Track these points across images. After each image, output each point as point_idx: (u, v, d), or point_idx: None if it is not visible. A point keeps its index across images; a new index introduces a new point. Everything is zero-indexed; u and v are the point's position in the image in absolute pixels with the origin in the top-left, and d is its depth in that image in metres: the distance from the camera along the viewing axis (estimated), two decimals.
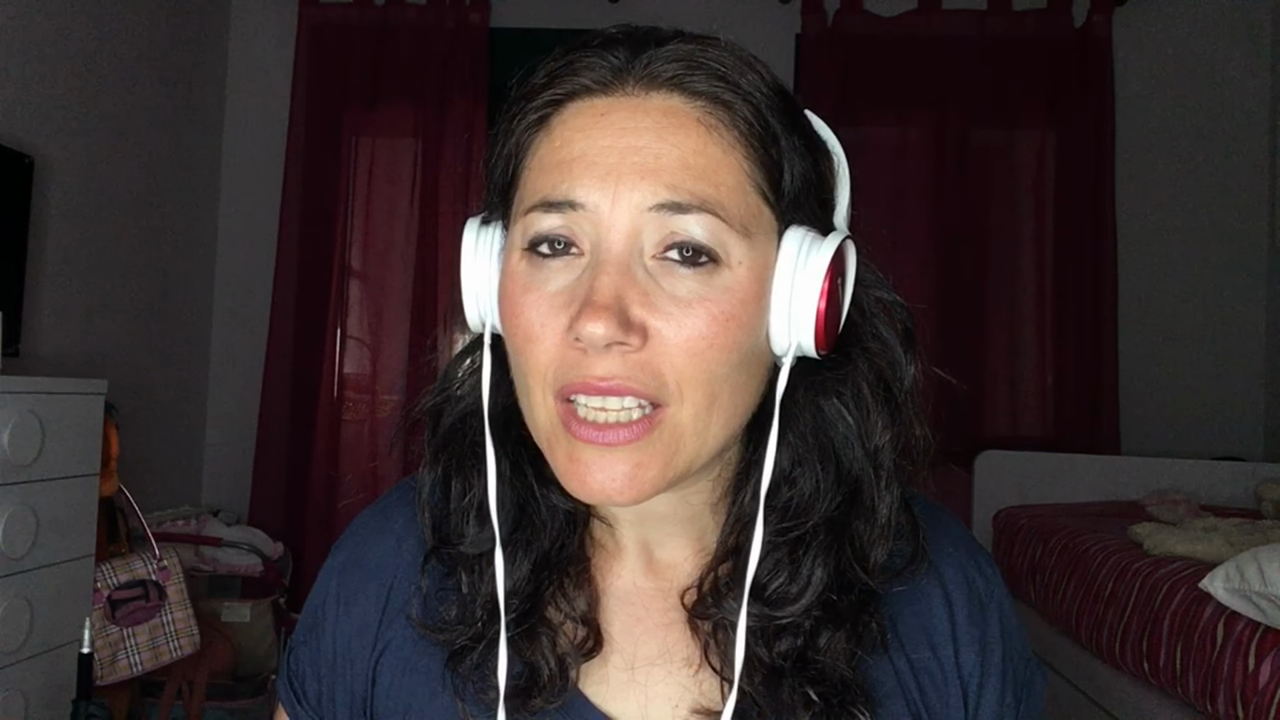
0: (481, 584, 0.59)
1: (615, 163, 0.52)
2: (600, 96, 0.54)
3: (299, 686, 0.66)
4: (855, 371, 0.58)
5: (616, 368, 0.51)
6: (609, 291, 0.50)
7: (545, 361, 0.53)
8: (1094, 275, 3.13)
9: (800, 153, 0.55)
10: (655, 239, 0.52)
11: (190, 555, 2.63)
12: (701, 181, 0.52)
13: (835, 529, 0.57)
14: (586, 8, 3.10)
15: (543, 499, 0.60)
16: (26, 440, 1.85)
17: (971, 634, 0.61)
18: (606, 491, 0.52)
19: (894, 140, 3.27)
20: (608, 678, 0.60)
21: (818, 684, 0.55)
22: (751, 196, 0.53)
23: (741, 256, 0.52)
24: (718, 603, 0.57)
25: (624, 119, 0.53)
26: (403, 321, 3.30)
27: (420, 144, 3.29)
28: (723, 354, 0.52)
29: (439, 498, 0.62)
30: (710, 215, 0.51)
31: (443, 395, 0.63)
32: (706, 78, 0.53)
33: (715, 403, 0.53)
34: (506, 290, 0.55)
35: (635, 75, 0.53)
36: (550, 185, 0.53)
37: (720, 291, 0.52)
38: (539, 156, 0.55)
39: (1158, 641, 1.75)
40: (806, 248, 0.54)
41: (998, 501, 2.87)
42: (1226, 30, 3.20)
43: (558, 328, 0.52)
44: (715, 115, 0.53)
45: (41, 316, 2.52)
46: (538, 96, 0.55)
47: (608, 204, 0.51)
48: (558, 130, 0.54)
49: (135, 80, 2.90)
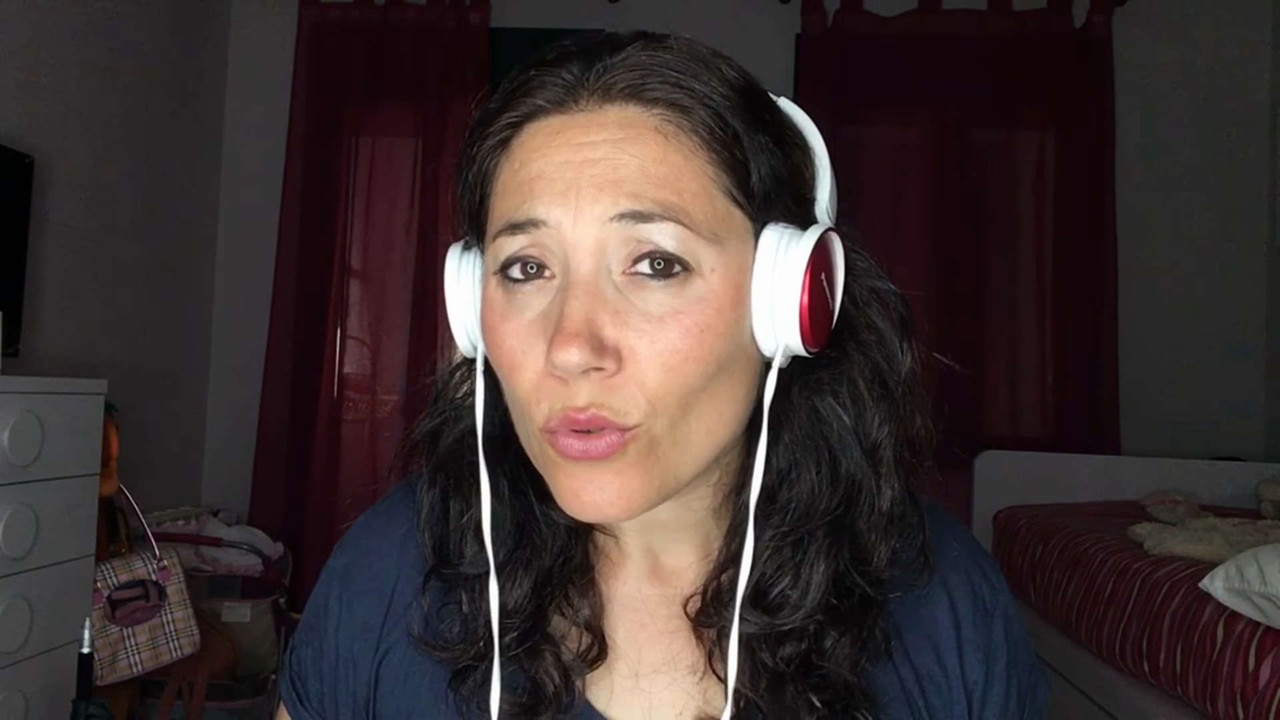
0: (482, 603, 0.59)
1: (574, 177, 0.51)
2: (556, 115, 0.53)
3: (301, 687, 0.66)
4: (850, 366, 0.57)
5: (594, 394, 0.50)
6: (579, 316, 0.49)
7: (529, 390, 0.52)
8: (1094, 275, 3.13)
9: (768, 149, 0.54)
10: (623, 253, 0.51)
11: (190, 555, 2.63)
12: (664, 189, 0.50)
13: (835, 530, 0.56)
14: (586, 8, 3.10)
15: (542, 516, 0.60)
16: (26, 440, 1.85)
17: (976, 641, 0.61)
18: (601, 508, 0.52)
19: (894, 140, 3.27)
20: (612, 685, 0.59)
21: (821, 690, 0.55)
22: (719, 201, 0.52)
23: (713, 263, 0.51)
24: (719, 610, 0.57)
25: (580, 134, 0.52)
26: (403, 321, 3.30)
27: (420, 144, 3.29)
28: (699, 365, 0.51)
29: (438, 516, 0.62)
30: (675, 224, 0.50)
31: (440, 417, 0.63)
32: (662, 84, 0.52)
33: (691, 413, 0.52)
34: (486, 319, 0.55)
35: (589, 89, 0.53)
36: (512, 207, 0.52)
37: (693, 302, 0.51)
38: (501, 180, 0.54)
39: (1158, 641, 1.75)
40: (785, 245, 0.53)
41: (998, 501, 2.87)
42: (1226, 30, 3.20)
43: (537, 355, 0.51)
44: (673, 122, 0.52)
45: (41, 316, 2.52)
46: (495, 121, 0.55)
47: (570, 219, 0.51)
48: (517, 152, 0.54)
49: (136, 80, 2.90)
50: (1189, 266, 3.18)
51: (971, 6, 3.19)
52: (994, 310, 3.19)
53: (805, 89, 3.18)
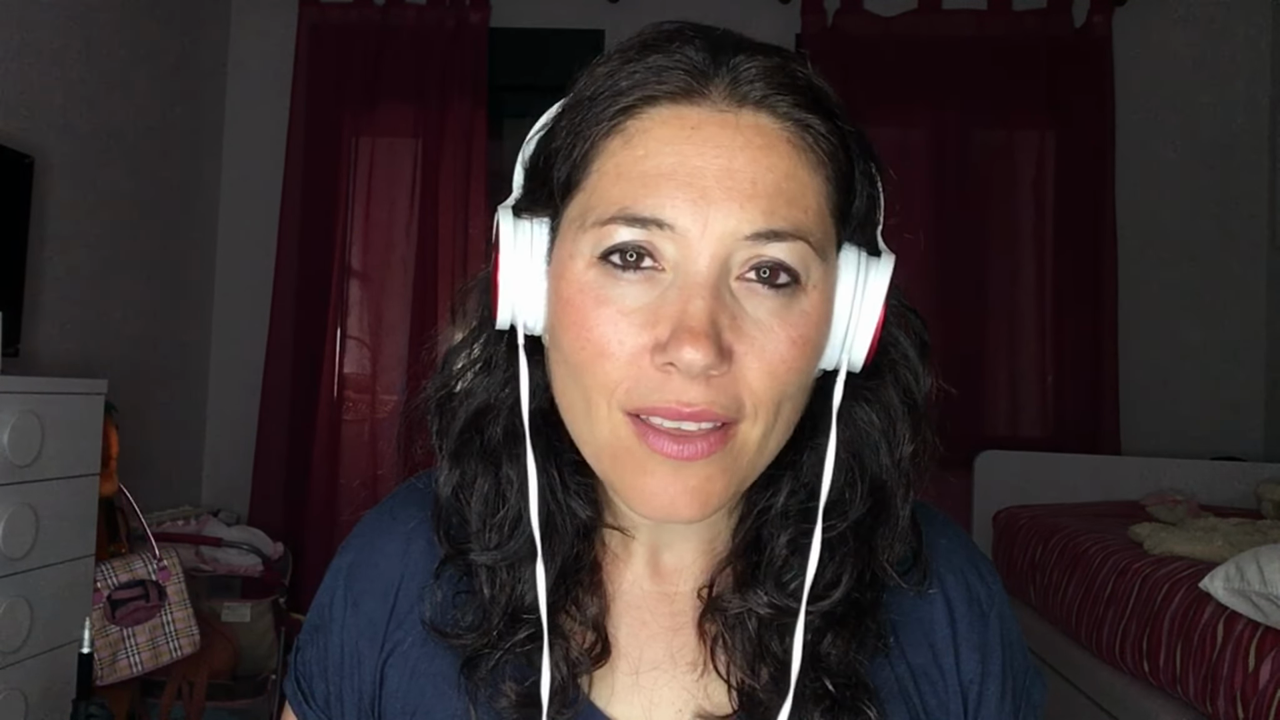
0: (502, 592, 0.59)
1: (710, 185, 0.50)
2: (686, 105, 0.51)
3: (306, 686, 0.66)
4: (884, 379, 0.59)
5: (703, 394, 0.50)
6: (705, 317, 0.49)
7: (617, 378, 0.51)
8: (1094, 275, 3.13)
9: (870, 176, 0.56)
10: (742, 260, 0.51)
11: (190, 555, 2.63)
12: (794, 207, 0.51)
13: (862, 534, 0.57)
14: (587, 8, 3.09)
15: (566, 508, 0.59)
16: (26, 440, 1.85)
17: (972, 641, 0.61)
18: (676, 507, 0.52)
19: (894, 140, 3.27)
20: (614, 683, 0.60)
21: (827, 680, 0.56)
22: (828, 221, 0.53)
23: (818, 280, 0.53)
24: (741, 592, 0.57)
25: (717, 134, 0.51)
26: (403, 321, 3.30)
27: (420, 144, 3.28)
28: (797, 376, 0.52)
29: (459, 503, 0.61)
30: (802, 242, 0.51)
31: (444, 390, 0.62)
32: (792, 98, 0.52)
33: (779, 419, 0.53)
34: (573, 301, 0.52)
35: (721, 85, 0.52)
36: (633, 198, 0.51)
37: (798, 315, 0.52)
38: (617, 163, 0.52)
39: (1158, 641, 1.75)
40: (864, 270, 0.54)
41: (998, 501, 2.87)
42: (1226, 30, 3.20)
43: (637, 346, 0.51)
44: (802, 137, 0.52)
45: (41, 316, 2.52)
46: (617, 100, 0.52)
47: (699, 228, 0.50)
48: (639, 139, 0.52)
49: (135, 80, 2.90)
50: (1189, 266, 3.18)
51: (971, 6, 3.19)
52: (994, 310, 3.18)
53: None
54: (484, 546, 0.59)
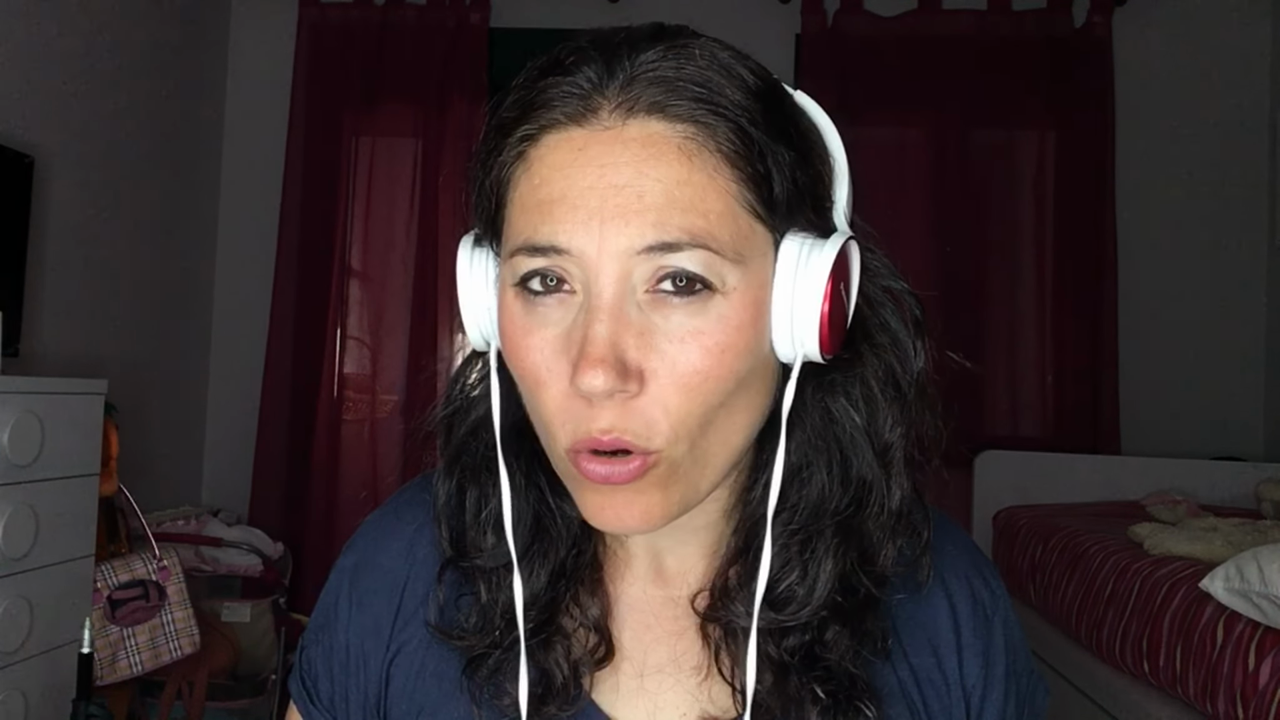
0: (500, 594, 0.59)
1: (597, 205, 0.49)
2: (575, 128, 0.51)
3: (311, 686, 0.66)
4: (864, 368, 0.57)
5: (616, 418, 0.50)
6: (604, 340, 0.49)
7: (554, 409, 0.52)
8: (1094, 275, 3.13)
9: (790, 159, 0.52)
10: (647, 275, 0.50)
11: (190, 555, 2.63)
12: (689, 214, 0.49)
13: (844, 530, 0.56)
14: (586, 8, 3.09)
15: (558, 510, 0.60)
16: (26, 440, 1.85)
17: (975, 645, 0.61)
18: (623, 521, 0.53)
19: (894, 140, 3.27)
20: (618, 685, 0.60)
21: (824, 681, 0.56)
22: (742, 218, 0.51)
23: (735, 283, 0.51)
24: (727, 606, 0.57)
25: (602, 153, 0.50)
26: (403, 321, 3.30)
27: (420, 144, 3.28)
28: (719, 384, 0.51)
29: (455, 508, 0.62)
30: (703, 249, 0.49)
31: (451, 407, 0.63)
32: (686, 100, 0.50)
33: (710, 430, 0.52)
34: (507, 330, 0.54)
35: (611, 100, 0.51)
36: (532, 228, 0.51)
37: (714, 321, 0.50)
38: (520, 193, 0.53)
39: (1158, 641, 1.75)
40: (805, 256, 0.52)
41: (998, 501, 2.87)
42: (1226, 30, 3.20)
43: (562, 374, 0.51)
44: (696, 139, 0.50)
45: (41, 316, 2.52)
46: (513, 130, 0.53)
47: (594, 248, 0.49)
48: (535, 167, 0.52)
49: (135, 80, 2.90)
50: (1189, 266, 3.18)
51: (971, 6, 3.19)
52: (994, 310, 3.18)
53: (805, 89, 3.13)
54: (477, 549, 0.60)
